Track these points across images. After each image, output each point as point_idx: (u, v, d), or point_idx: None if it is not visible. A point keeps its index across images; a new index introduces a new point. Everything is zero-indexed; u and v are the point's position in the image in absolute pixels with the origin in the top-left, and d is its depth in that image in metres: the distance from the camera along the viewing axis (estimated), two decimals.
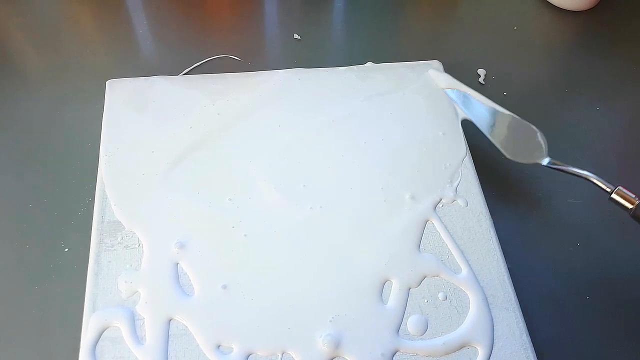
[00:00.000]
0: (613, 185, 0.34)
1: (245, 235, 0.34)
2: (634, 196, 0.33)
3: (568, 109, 0.45)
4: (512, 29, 0.50)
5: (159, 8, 0.50)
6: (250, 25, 0.50)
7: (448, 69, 0.43)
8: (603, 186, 0.34)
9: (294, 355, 0.30)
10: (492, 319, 0.32)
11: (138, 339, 0.30)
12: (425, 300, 0.32)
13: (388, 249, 0.34)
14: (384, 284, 0.33)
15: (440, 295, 0.33)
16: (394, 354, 0.31)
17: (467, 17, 0.51)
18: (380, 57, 0.45)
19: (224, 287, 0.32)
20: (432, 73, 0.42)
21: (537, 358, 0.31)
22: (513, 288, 0.33)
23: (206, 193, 0.36)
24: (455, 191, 0.37)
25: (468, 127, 0.40)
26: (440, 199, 0.36)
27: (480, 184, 0.37)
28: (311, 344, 0.31)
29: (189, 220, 0.35)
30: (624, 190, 0.33)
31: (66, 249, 0.36)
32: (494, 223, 0.36)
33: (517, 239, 0.37)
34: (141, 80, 0.41)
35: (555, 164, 0.36)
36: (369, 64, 0.44)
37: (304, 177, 0.37)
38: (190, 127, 0.39)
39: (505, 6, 0.52)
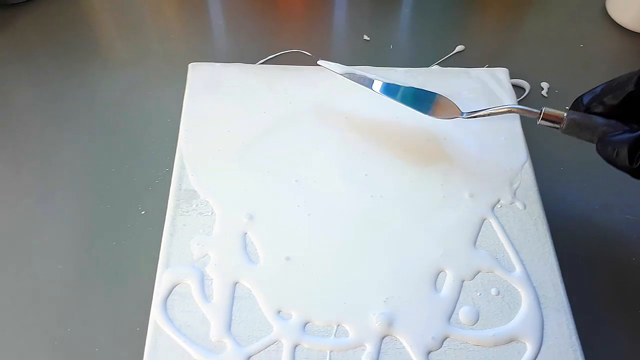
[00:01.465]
0: (537, 110, 0.34)
1: (308, 215, 0.36)
2: (561, 112, 0.33)
3: None
4: (579, 46, 0.51)
5: (235, 3, 0.54)
6: (321, 24, 0.52)
7: (512, 78, 0.45)
8: (528, 114, 0.34)
9: (348, 329, 0.32)
10: (542, 318, 0.33)
11: (206, 296, 0.33)
12: (478, 294, 0.34)
13: (444, 241, 0.35)
14: (438, 274, 0.34)
15: (493, 291, 0.34)
16: (444, 340, 0.32)
17: (533, 30, 0.52)
18: (446, 62, 0.47)
19: (287, 258, 0.34)
20: (323, 62, 0.41)
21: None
22: (565, 291, 0.34)
23: (275, 173, 0.38)
24: (514, 194, 0.38)
25: (529, 135, 0.41)
26: (499, 200, 0.37)
27: (539, 190, 0.38)
28: (365, 320, 0.32)
29: (258, 195, 0.37)
30: (550, 110, 0.33)
31: (143, 212, 0.39)
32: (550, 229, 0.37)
33: (571, 246, 0.37)
34: (220, 65, 0.44)
35: (473, 112, 0.37)
36: (435, 67, 0.46)
37: (366, 167, 0.39)
38: (264, 112, 0.41)
39: (572, 23, 0.53)
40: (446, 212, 0.37)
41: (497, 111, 0.36)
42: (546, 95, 0.47)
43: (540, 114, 0.34)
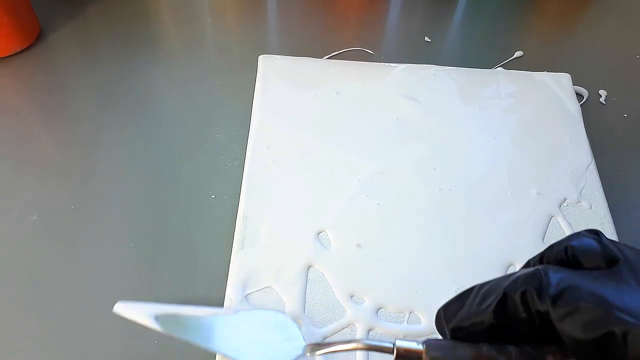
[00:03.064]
0: (389, 343, 0.25)
1: (378, 204, 0.37)
2: (417, 345, 0.24)
3: None
4: (635, 57, 0.51)
5: (291, 1, 0.55)
6: (377, 23, 0.53)
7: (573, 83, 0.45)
8: (377, 349, 0.25)
9: (420, 316, 0.32)
10: None
11: (280, 278, 0.33)
12: None
13: (513, 235, 0.36)
14: (508, 266, 0.35)
15: None
16: None
17: (589, 38, 0.53)
18: (505, 67, 0.48)
19: (358, 245, 0.35)
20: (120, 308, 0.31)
21: None
22: None
23: (345, 164, 0.39)
24: (580, 193, 0.38)
25: (594, 138, 0.42)
26: (565, 199, 0.38)
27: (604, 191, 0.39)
28: (437, 308, 0.33)
29: (329, 185, 0.38)
30: (404, 343, 0.24)
31: (213, 196, 0.40)
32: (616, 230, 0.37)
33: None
34: (291, 59, 0.45)
35: (318, 346, 0.28)
36: (499, 68, 0.46)
37: (434, 162, 0.39)
38: (335, 105, 0.42)
39: (628, 35, 0.54)
40: (514, 208, 0.37)
41: (342, 348, 0.27)
42: (604, 103, 0.47)
43: (393, 349, 0.24)
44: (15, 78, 0.46)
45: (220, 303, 0.33)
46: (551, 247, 0.23)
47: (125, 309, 0.31)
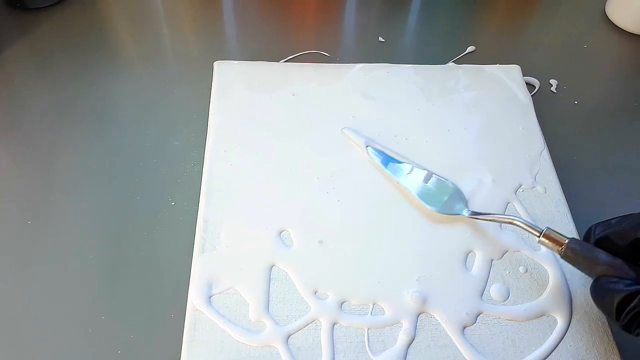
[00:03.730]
0: (540, 228, 0.32)
1: (338, 201, 0.37)
2: (563, 237, 0.31)
3: (637, 120, 0.47)
4: (582, 47, 0.53)
5: (247, 5, 0.55)
6: (334, 25, 0.54)
7: (522, 74, 0.47)
8: (530, 229, 0.32)
9: (384, 307, 0.33)
10: (570, 293, 0.34)
11: (242, 279, 0.33)
12: (507, 272, 0.35)
13: (471, 223, 0.36)
14: (468, 253, 0.35)
15: (521, 269, 0.35)
16: (477, 315, 0.33)
17: (538, 31, 0.55)
18: (458, 62, 0.49)
19: (320, 242, 0.35)
20: (347, 132, 0.41)
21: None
22: None
23: (302, 164, 0.39)
24: (535, 179, 0.39)
25: (545, 125, 0.43)
26: (520, 185, 0.39)
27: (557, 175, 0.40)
28: (400, 298, 0.33)
29: (288, 185, 0.38)
30: (553, 233, 0.31)
31: (173, 203, 0.39)
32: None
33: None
34: (246, 63, 0.45)
35: (477, 214, 0.36)
36: (451, 63, 0.48)
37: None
38: (290, 107, 0.42)
39: (575, 25, 0.55)
40: (471, 196, 0.38)
41: (500, 219, 0.34)
42: (555, 91, 0.49)
43: (541, 233, 0.32)
44: None
45: (184, 309, 0.33)
46: None
47: (348, 133, 0.40)
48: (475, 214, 0.36)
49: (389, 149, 0.40)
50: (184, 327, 0.32)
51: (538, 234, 0.32)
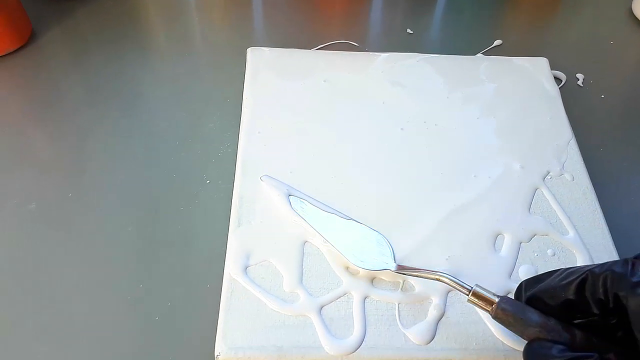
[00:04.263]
0: (469, 285, 0.29)
1: (369, 180, 0.38)
2: (493, 296, 0.28)
3: None
4: (609, 43, 0.54)
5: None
6: (360, 17, 0.55)
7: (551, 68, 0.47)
8: (458, 287, 0.30)
9: (414, 284, 0.33)
10: None
11: (277, 252, 0.34)
12: (535, 254, 0.35)
13: (501, 207, 0.37)
14: (497, 236, 0.36)
15: (549, 252, 0.35)
16: (507, 294, 0.33)
17: (564, 27, 0.56)
18: (486, 54, 0.50)
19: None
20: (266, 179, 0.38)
21: None
22: (617, 253, 0.35)
23: (334, 143, 0.40)
24: (563, 167, 0.40)
25: (574, 119, 0.44)
26: (549, 172, 0.39)
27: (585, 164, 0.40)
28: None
29: (318, 165, 0.39)
30: (481, 290, 0.29)
31: (207, 181, 0.40)
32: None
33: (620, 215, 0.39)
34: (279, 50, 0.47)
35: (404, 269, 0.33)
36: (479, 55, 0.48)
37: (423, 141, 0.41)
38: (320, 93, 0.44)
39: (601, 21, 0.56)
40: (501, 181, 0.38)
41: (427, 275, 0.31)
42: (582, 85, 0.49)
43: (470, 292, 0.29)
44: (9, 76, 0.47)
45: (219, 280, 0.34)
46: None
47: (269, 182, 0.37)
48: (401, 268, 0.33)
49: (312, 198, 0.37)
50: (219, 297, 0.33)
51: (467, 292, 0.29)
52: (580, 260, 0.35)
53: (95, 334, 0.33)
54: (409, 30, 0.53)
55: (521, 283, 0.28)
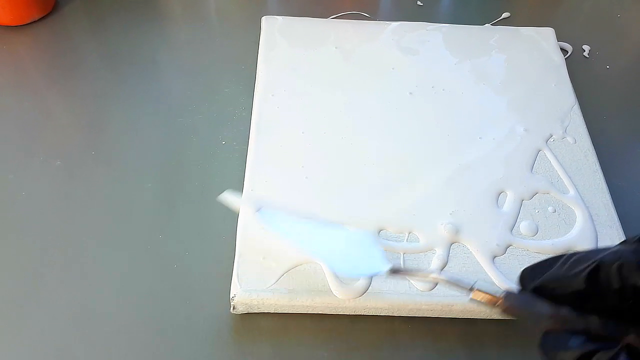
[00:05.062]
0: (469, 283, 0.27)
1: (376, 140, 0.40)
2: (495, 294, 0.26)
3: None
4: (616, 16, 0.55)
5: None
6: None
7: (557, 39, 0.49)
8: (457, 286, 0.27)
9: (418, 236, 0.35)
10: (596, 232, 0.36)
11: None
12: (537, 211, 0.37)
13: (504, 166, 0.39)
14: (499, 193, 0.37)
15: (550, 209, 0.37)
16: (507, 247, 0.35)
17: (572, 0, 0.56)
18: (495, 25, 0.51)
19: (359, 176, 0.38)
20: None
21: None
22: (615, 211, 0.37)
23: (346, 106, 0.42)
24: (565, 130, 0.41)
25: (579, 87, 0.45)
26: (551, 135, 0.41)
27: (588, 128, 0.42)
28: (433, 228, 0.35)
29: (328, 125, 0.40)
30: (482, 287, 0.26)
31: (223, 142, 0.42)
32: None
33: (622, 178, 0.41)
34: (292, 19, 0.48)
35: (398, 270, 0.30)
36: (487, 25, 0.50)
37: (431, 105, 0.42)
38: (335, 56, 0.45)
39: None
40: (505, 142, 0.40)
41: (420, 277, 0.31)
42: (588, 56, 0.50)
43: (471, 290, 0.26)
44: (34, 43, 0.49)
45: (234, 233, 0.35)
46: None
47: (230, 199, 0.34)
48: (395, 271, 0.30)
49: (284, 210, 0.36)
50: (234, 248, 0.34)
51: (467, 291, 0.27)
52: (580, 216, 0.36)
53: (117, 279, 0.35)
54: (419, 2, 0.55)
55: (523, 271, 0.26)
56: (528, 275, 0.26)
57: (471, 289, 0.26)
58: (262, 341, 0.33)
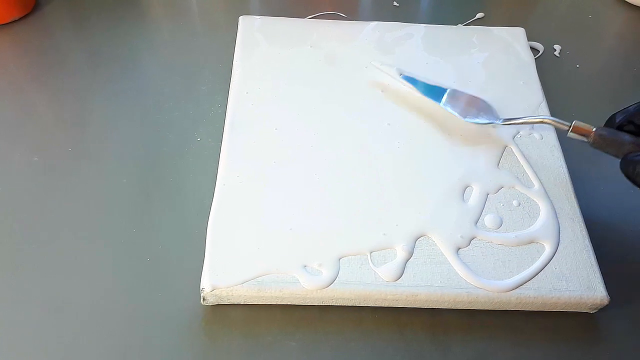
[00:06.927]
0: (569, 121, 0.37)
1: (345, 136, 0.41)
2: (590, 126, 0.36)
3: (636, 85, 0.50)
4: (587, 16, 0.56)
5: None
6: None
7: (528, 39, 0.50)
8: (560, 125, 0.37)
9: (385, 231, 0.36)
10: (559, 224, 0.37)
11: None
12: (501, 204, 0.38)
13: (470, 161, 0.40)
14: (465, 188, 0.38)
15: (515, 202, 0.38)
16: (471, 239, 0.36)
17: (545, 2, 0.58)
18: (469, 25, 0.53)
19: (328, 171, 0.39)
20: (377, 64, 0.45)
21: (597, 259, 0.35)
22: (578, 204, 0.38)
23: (316, 105, 0.43)
24: (532, 127, 0.42)
25: (545, 81, 0.46)
26: (519, 132, 0.42)
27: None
28: (399, 223, 0.36)
29: (302, 121, 0.41)
30: (580, 124, 0.36)
31: (198, 139, 0.43)
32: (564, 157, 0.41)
33: (586, 173, 0.42)
34: (269, 18, 0.49)
35: (510, 119, 0.40)
36: (459, 25, 0.51)
37: (400, 101, 0.43)
38: (310, 55, 0.46)
39: None
40: (472, 139, 0.41)
41: (531, 121, 0.39)
42: (558, 56, 0.52)
43: (570, 126, 0.36)
44: (15, 41, 0.50)
45: (206, 227, 0.36)
46: None
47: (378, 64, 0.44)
48: (507, 120, 0.40)
49: (419, 75, 0.44)
50: (205, 240, 0.35)
51: (567, 128, 0.37)
52: (544, 209, 0.37)
53: (92, 272, 0.36)
54: (395, 3, 0.56)
55: (613, 114, 0.35)
56: (615, 116, 0.35)
57: (570, 126, 0.36)
58: (232, 332, 0.34)
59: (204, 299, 0.34)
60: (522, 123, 0.40)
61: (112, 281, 0.36)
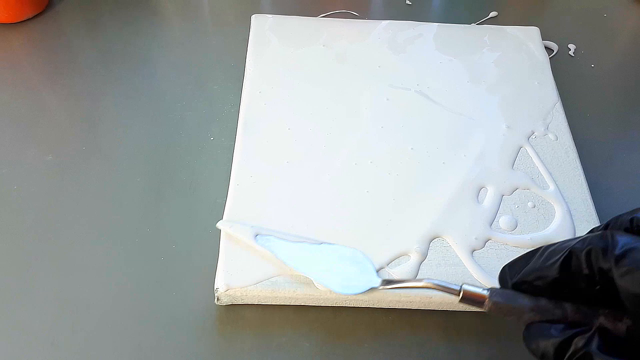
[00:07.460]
0: (456, 286, 0.28)
1: (359, 136, 0.41)
2: (482, 290, 0.27)
3: None
4: (603, 15, 0.55)
5: None
6: None
7: (542, 38, 0.49)
8: (446, 290, 0.29)
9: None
10: (574, 226, 0.36)
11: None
12: (516, 206, 0.37)
13: (485, 162, 0.39)
14: (480, 189, 0.38)
15: (530, 204, 0.38)
16: (486, 241, 0.36)
17: (560, 1, 0.57)
18: (482, 24, 0.52)
19: (342, 173, 0.38)
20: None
21: None
22: (594, 206, 0.38)
23: (329, 104, 0.43)
24: (547, 127, 0.42)
25: (564, 86, 0.46)
26: (533, 132, 0.41)
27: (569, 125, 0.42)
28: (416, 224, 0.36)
29: (315, 120, 0.41)
30: (470, 288, 0.28)
31: (211, 138, 0.43)
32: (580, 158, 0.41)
33: (601, 174, 0.42)
34: (281, 17, 0.49)
35: (390, 283, 0.32)
36: (472, 24, 0.50)
37: (415, 102, 0.43)
38: (322, 54, 0.46)
39: None
40: (487, 140, 0.41)
41: (413, 285, 0.31)
42: (573, 55, 0.51)
43: (459, 292, 0.28)
44: (28, 40, 0.50)
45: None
46: (617, 218, 0.26)
47: (228, 226, 0.35)
48: (387, 282, 0.32)
49: (279, 232, 0.36)
50: (219, 240, 0.35)
51: (456, 294, 0.28)
52: (559, 211, 0.37)
53: (105, 271, 0.36)
54: (407, 2, 0.55)
55: (504, 268, 0.28)
56: (507, 273, 0.27)
57: (459, 292, 0.28)
58: (245, 332, 0.34)
59: (217, 299, 0.34)
60: (403, 287, 0.32)
61: (126, 280, 0.36)
